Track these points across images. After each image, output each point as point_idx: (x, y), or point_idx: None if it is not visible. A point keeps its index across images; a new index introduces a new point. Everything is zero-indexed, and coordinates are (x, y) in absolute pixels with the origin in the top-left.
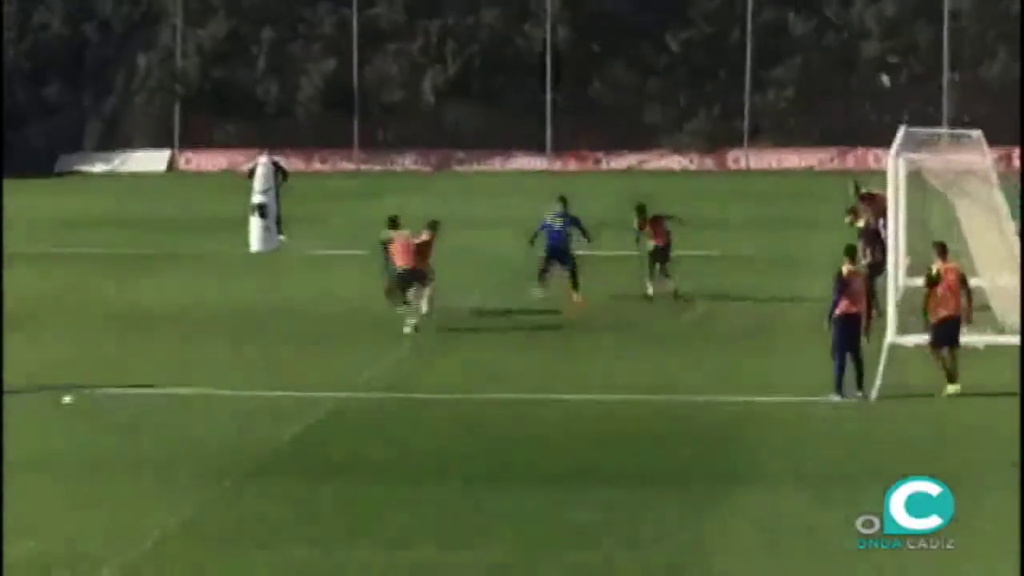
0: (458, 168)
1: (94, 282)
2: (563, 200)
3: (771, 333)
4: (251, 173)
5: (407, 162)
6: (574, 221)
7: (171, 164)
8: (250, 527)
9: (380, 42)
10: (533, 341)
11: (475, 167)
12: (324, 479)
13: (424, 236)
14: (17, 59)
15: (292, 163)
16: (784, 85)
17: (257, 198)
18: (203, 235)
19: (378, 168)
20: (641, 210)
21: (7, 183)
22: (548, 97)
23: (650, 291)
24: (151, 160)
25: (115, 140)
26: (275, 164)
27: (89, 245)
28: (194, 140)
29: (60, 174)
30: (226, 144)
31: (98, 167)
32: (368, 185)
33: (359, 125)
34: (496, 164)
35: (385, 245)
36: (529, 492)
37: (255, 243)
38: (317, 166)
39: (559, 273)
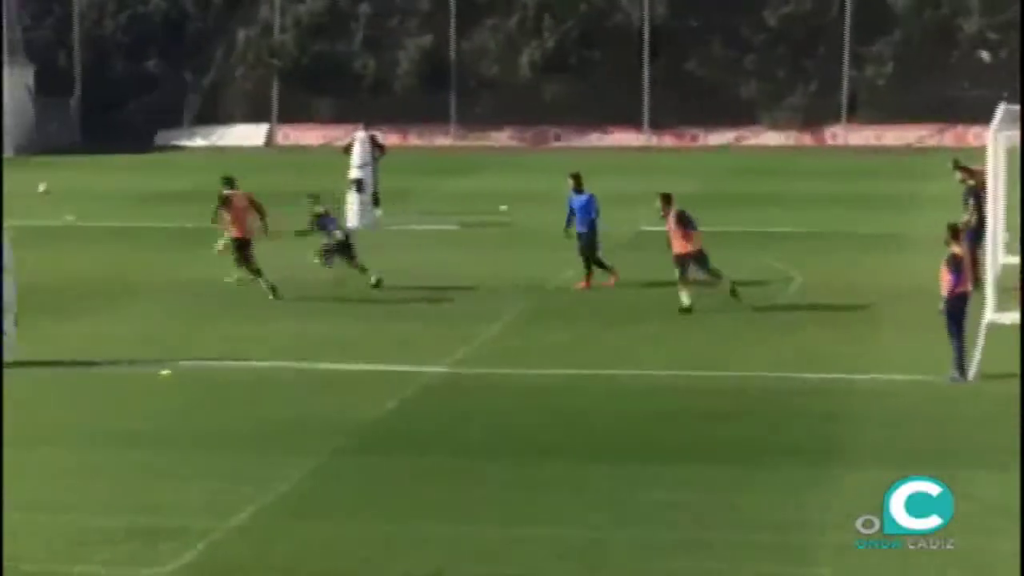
0: (554, 144)
1: (190, 256)
2: (577, 177)
3: (869, 311)
4: (348, 148)
5: (503, 138)
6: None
7: (269, 139)
8: (345, 501)
9: (477, 17)
10: (627, 318)
11: (571, 143)
12: (419, 453)
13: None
14: (116, 34)
15: (389, 138)
16: (883, 61)
17: (354, 173)
18: (300, 210)
19: (474, 144)
20: (666, 199)
21: (107, 158)
22: (645, 73)
23: (685, 302)
24: (249, 134)
25: (214, 114)
26: (372, 139)
27: (186, 219)
28: (292, 115)
29: (159, 148)
30: (323, 119)
31: (197, 141)
32: (464, 161)
33: (456, 100)
34: (592, 140)
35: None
36: (620, 468)
37: (352, 218)
38: (414, 141)
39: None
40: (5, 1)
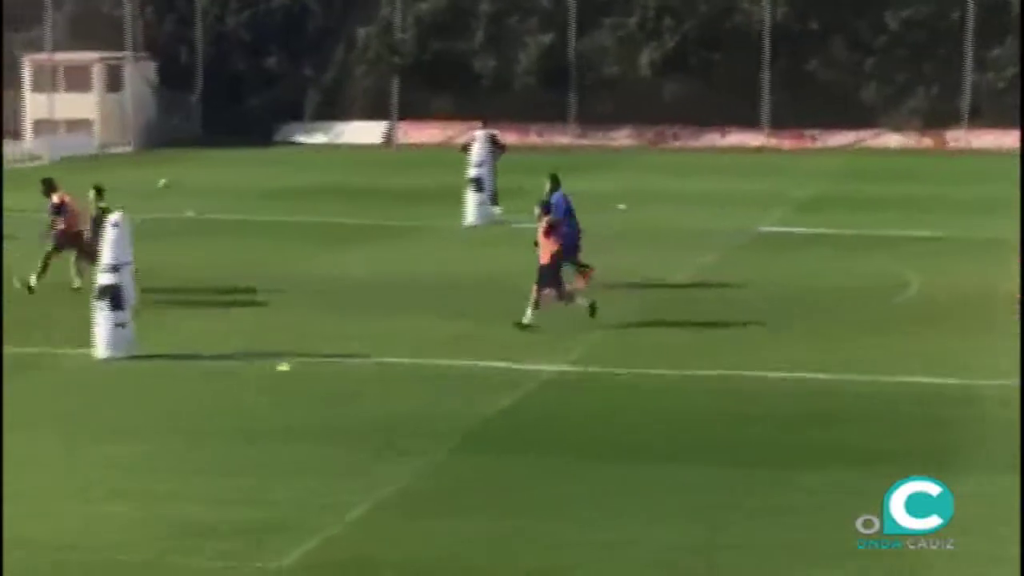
0: (673, 144)
1: (308, 251)
2: (555, 178)
3: (987, 316)
4: (467, 146)
5: (622, 137)
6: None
7: (388, 136)
8: (460, 498)
9: (597, 16)
10: (744, 318)
11: (690, 143)
12: (534, 451)
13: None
14: (238, 30)
15: (508, 136)
16: (1004, 65)
17: (473, 171)
18: (418, 207)
19: (593, 143)
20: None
21: (227, 152)
22: (765, 74)
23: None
24: (368, 132)
25: (333, 111)
26: (491, 137)
27: (304, 214)
28: (411, 112)
29: (279, 144)
30: (442, 117)
31: (316, 138)
32: (583, 160)
33: (575, 99)
34: (711, 140)
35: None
36: (729, 470)
37: (470, 216)
38: (533, 140)
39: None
40: None
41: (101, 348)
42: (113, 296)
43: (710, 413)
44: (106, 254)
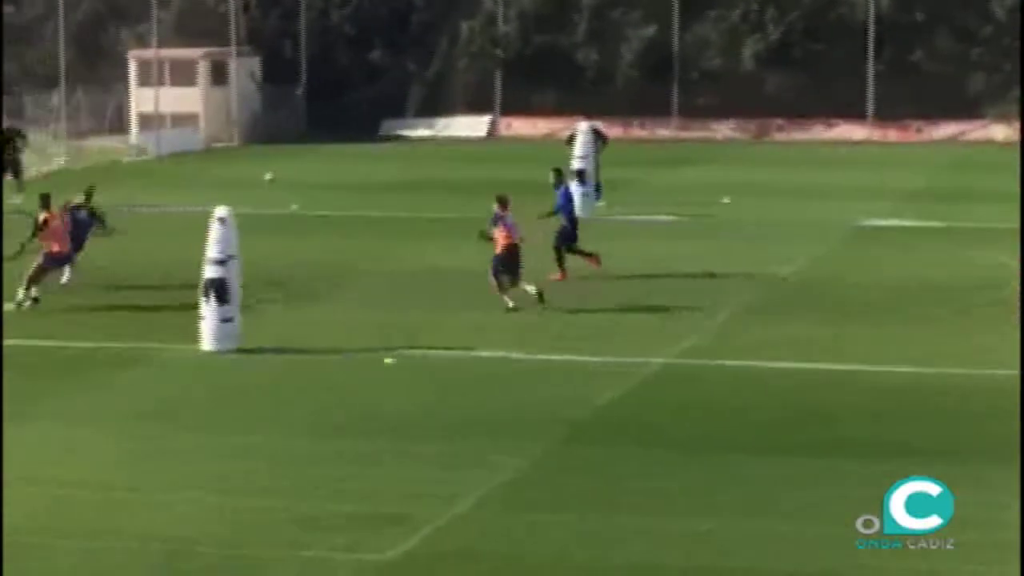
0: (777, 136)
1: (412, 245)
2: (558, 172)
3: None
4: (571, 139)
5: (726, 130)
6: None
7: (491, 130)
8: (568, 491)
9: (700, 8)
10: (849, 310)
11: (794, 135)
12: (641, 444)
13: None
14: (342, 24)
15: (611, 129)
16: None
17: (576, 164)
18: (521, 200)
19: (697, 135)
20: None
21: (332, 147)
22: (870, 65)
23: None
24: (471, 126)
25: (437, 105)
26: (595, 131)
27: (408, 209)
28: (514, 106)
29: (383, 138)
30: (545, 110)
31: (420, 132)
32: (687, 153)
33: (678, 92)
34: (816, 132)
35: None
36: (839, 462)
37: (575, 209)
38: (636, 133)
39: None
40: None
41: (207, 342)
42: (219, 290)
43: (820, 406)
44: (212, 248)
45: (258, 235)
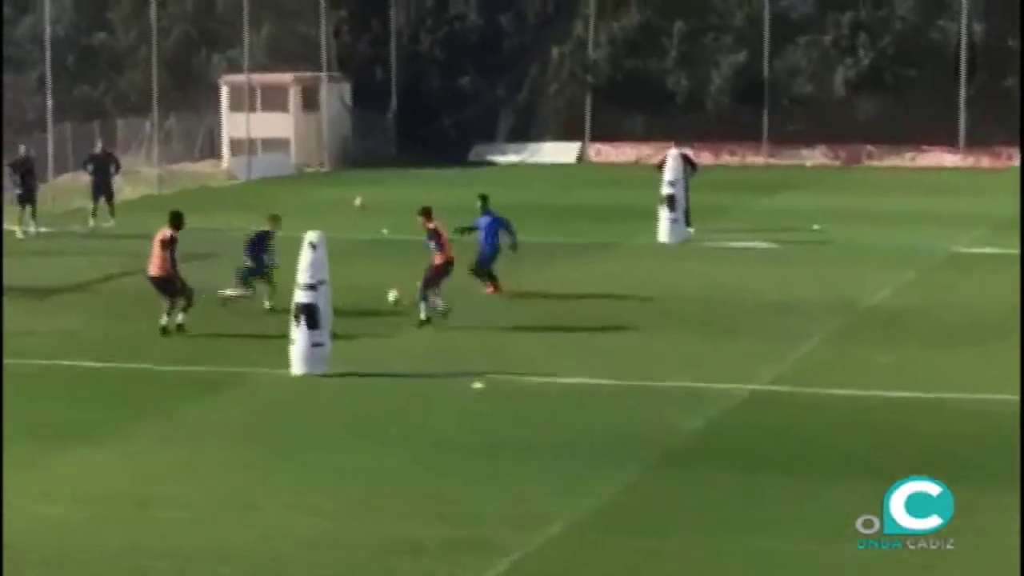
0: (868, 162)
1: (502, 269)
2: (483, 198)
3: None
4: (660, 165)
5: (816, 155)
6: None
7: (581, 155)
8: (658, 516)
9: (791, 34)
10: (942, 338)
11: (885, 162)
12: (731, 469)
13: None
14: (432, 49)
15: (701, 155)
16: None
17: (666, 190)
18: (611, 225)
19: (787, 162)
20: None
21: (422, 172)
22: (962, 91)
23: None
24: (561, 151)
25: (527, 130)
26: (684, 156)
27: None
28: (604, 131)
29: (473, 163)
30: (635, 136)
31: (510, 157)
32: (777, 178)
33: (768, 118)
34: (907, 159)
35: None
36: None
37: (663, 234)
38: (726, 158)
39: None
40: (325, 17)
41: (297, 366)
42: (309, 315)
43: (910, 433)
44: (303, 273)
45: (348, 260)
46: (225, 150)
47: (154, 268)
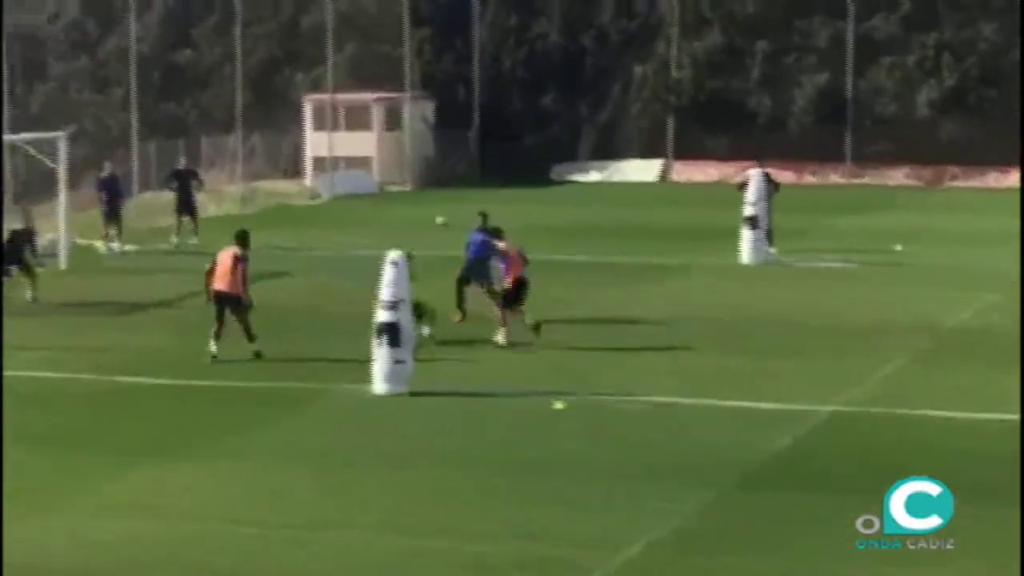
0: (952, 184)
1: (584, 289)
2: (483, 215)
3: None
4: (743, 185)
5: (899, 176)
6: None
7: (663, 174)
8: (738, 537)
9: (875, 55)
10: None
11: (969, 182)
12: (813, 491)
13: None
14: (515, 69)
15: (783, 175)
16: None
17: (748, 210)
18: (693, 245)
19: (870, 182)
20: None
21: (504, 191)
22: None
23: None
24: (643, 170)
25: (609, 150)
26: (767, 176)
27: (580, 253)
28: (686, 151)
29: (554, 182)
30: (717, 155)
31: (592, 176)
32: (859, 199)
33: (851, 138)
34: (991, 180)
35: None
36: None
37: (745, 255)
38: (808, 179)
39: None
40: (408, 36)
41: (379, 384)
42: (391, 333)
43: (993, 456)
44: (385, 292)
45: (430, 278)
46: (308, 168)
47: (225, 283)
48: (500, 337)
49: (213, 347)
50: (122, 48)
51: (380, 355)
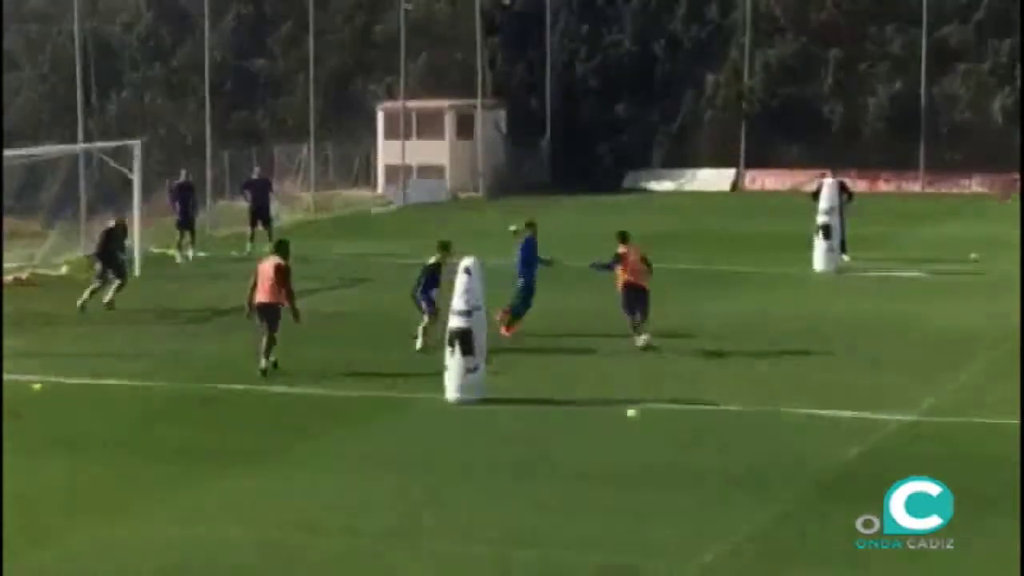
0: None
1: (657, 297)
2: (531, 225)
3: None
4: (816, 193)
5: (974, 185)
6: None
7: (735, 183)
8: (809, 547)
9: (949, 62)
10: None
11: None
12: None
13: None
14: (587, 77)
15: (857, 184)
16: None
17: (821, 218)
18: (766, 254)
19: (944, 191)
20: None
21: (576, 199)
22: None
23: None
24: (716, 178)
25: (681, 158)
26: (840, 184)
27: (654, 261)
28: (758, 159)
29: (627, 190)
30: (790, 164)
31: (664, 184)
32: (934, 208)
33: (925, 146)
34: None
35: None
36: None
37: (819, 263)
38: (882, 187)
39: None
40: (481, 45)
41: (451, 392)
42: (464, 341)
43: None
44: (457, 299)
45: (504, 286)
46: (380, 176)
47: (266, 295)
48: (638, 340)
49: (263, 362)
50: (196, 56)
51: (452, 363)
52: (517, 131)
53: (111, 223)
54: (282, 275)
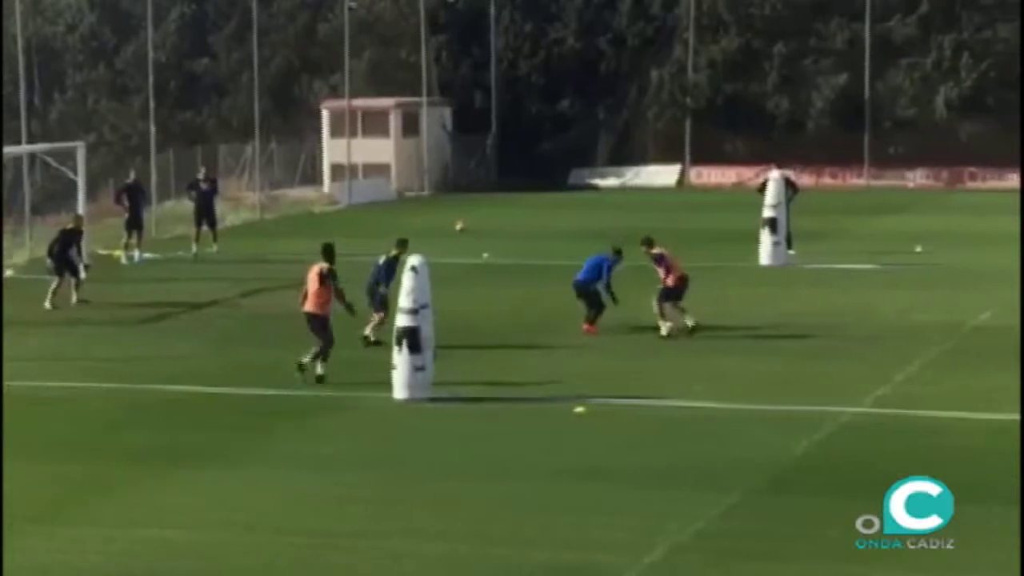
0: (971, 184)
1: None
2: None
3: None
4: (762, 187)
5: (917, 178)
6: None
7: (681, 178)
8: (761, 541)
9: (893, 56)
10: None
11: (988, 184)
12: (836, 495)
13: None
14: (531, 74)
15: (802, 178)
16: None
17: (768, 212)
18: (713, 249)
19: (888, 184)
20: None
21: (522, 196)
22: None
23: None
24: (661, 174)
25: (627, 154)
26: (786, 179)
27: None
28: (704, 155)
29: (572, 187)
30: (736, 159)
31: (609, 181)
32: (878, 201)
33: (870, 140)
34: (1010, 181)
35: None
36: None
37: (765, 257)
38: (827, 181)
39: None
40: (425, 43)
41: (399, 391)
42: (411, 339)
43: (1017, 457)
44: (405, 298)
45: (450, 285)
46: (326, 175)
47: (312, 304)
48: (664, 329)
49: (320, 368)
50: (140, 57)
51: (400, 362)
52: (462, 129)
53: (70, 224)
54: (325, 279)
